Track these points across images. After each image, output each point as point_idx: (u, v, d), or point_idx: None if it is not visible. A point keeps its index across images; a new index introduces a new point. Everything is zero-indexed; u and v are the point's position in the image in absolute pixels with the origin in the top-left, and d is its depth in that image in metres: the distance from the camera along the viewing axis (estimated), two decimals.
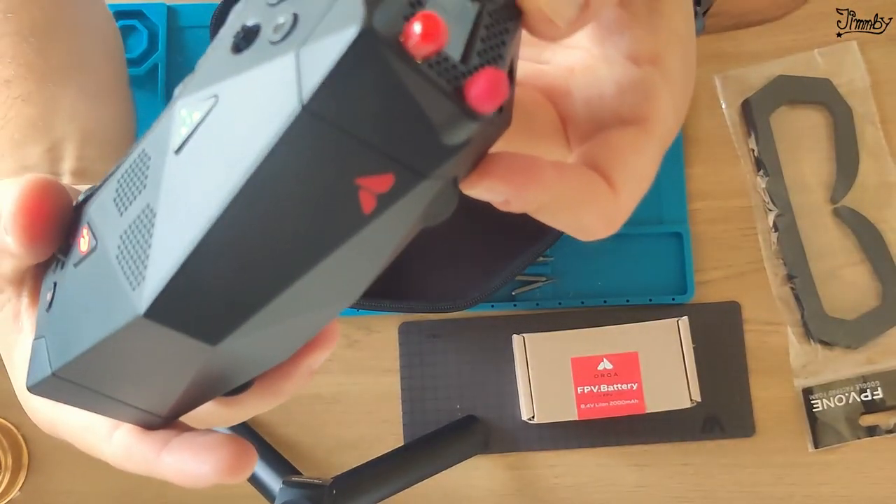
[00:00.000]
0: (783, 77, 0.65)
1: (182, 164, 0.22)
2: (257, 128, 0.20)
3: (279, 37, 0.20)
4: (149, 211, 0.23)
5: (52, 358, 0.27)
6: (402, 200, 0.21)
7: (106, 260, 0.24)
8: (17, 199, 0.28)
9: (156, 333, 0.23)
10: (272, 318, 0.23)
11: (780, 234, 0.63)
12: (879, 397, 0.62)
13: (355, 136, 0.20)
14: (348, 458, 0.61)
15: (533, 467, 0.62)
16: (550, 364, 0.57)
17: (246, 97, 0.21)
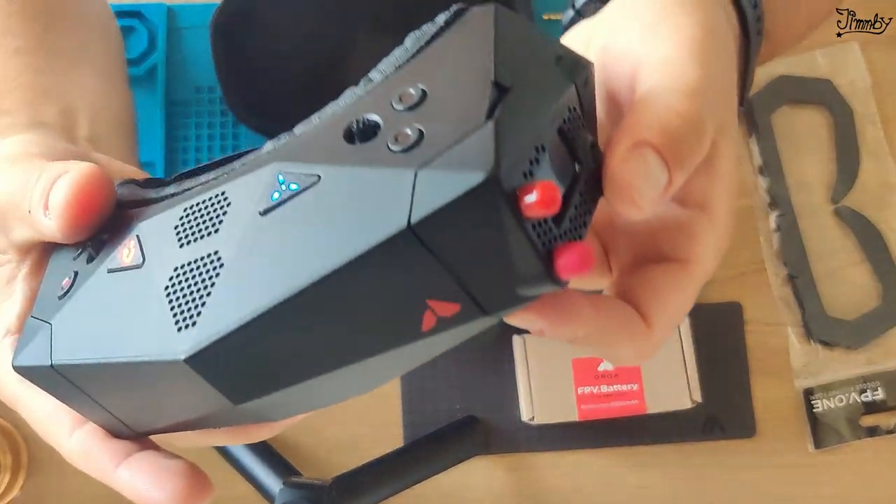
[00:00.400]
0: (784, 77, 0.65)
1: (265, 229, 0.22)
2: (355, 227, 0.20)
3: (400, 148, 0.21)
4: (216, 259, 0.23)
5: (57, 350, 0.26)
6: (459, 328, 0.22)
7: (152, 284, 0.24)
8: (71, 186, 0.27)
9: (186, 378, 0.23)
10: (297, 394, 0.23)
11: (781, 235, 0.63)
12: (880, 398, 0.62)
13: (444, 264, 0.20)
14: (348, 458, 0.60)
15: (533, 468, 0.62)
16: (551, 365, 0.57)
17: (351, 191, 0.21)
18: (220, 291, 0.22)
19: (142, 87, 0.64)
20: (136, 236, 0.26)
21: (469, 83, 0.21)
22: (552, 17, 0.65)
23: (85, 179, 0.28)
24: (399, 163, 0.20)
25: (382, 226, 0.20)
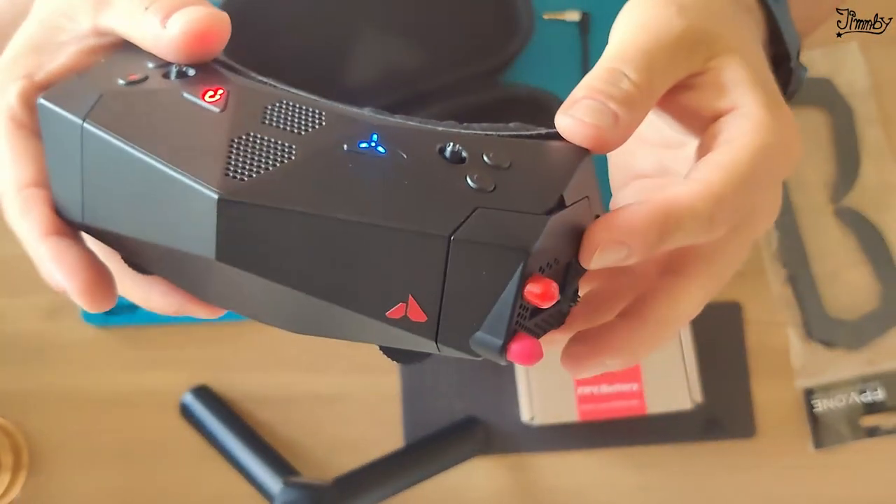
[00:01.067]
0: None
1: (341, 160, 0.26)
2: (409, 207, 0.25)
3: (475, 186, 0.25)
4: (290, 151, 0.26)
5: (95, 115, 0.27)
6: (409, 334, 0.26)
7: (221, 130, 0.26)
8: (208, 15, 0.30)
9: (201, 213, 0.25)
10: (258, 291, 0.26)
11: (781, 235, 0.63)
12: (880, 398, 0.62)
13: (445, 280, 0.24)
14: (348, 458, 0.60)
15: (533, 469, 0.62)
16: (551, 365, 0.57)
17: (422, 184, 0.25)
18: (278, 175, 0.25)
19: None
20: (226, 89, 0.28)
21: (544, 185, 0.26)
22: (552, 16, 0.65)
23: (218, 20, 0.31)
24: (468, 194, 0.25)
25: (431, 223, 0.24)
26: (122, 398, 0.62)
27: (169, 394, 0.62)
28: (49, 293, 0.63)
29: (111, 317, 0.62)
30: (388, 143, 0.26)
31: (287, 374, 0.62)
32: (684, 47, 0.30)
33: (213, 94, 0.28)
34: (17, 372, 0.62)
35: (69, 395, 0.62)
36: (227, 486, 0.61)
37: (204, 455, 0.61)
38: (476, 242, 0.24)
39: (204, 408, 0.60)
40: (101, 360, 0.62)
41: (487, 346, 0.26)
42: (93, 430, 0.62)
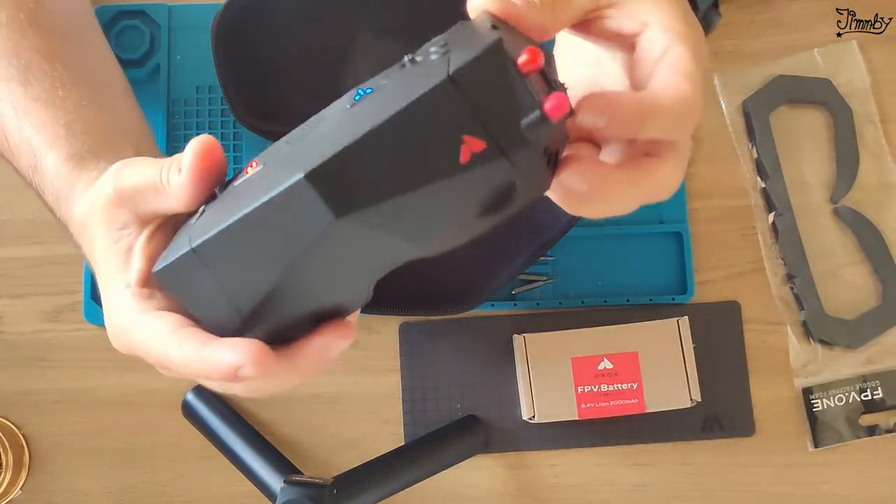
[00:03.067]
0: (783, 77, 0.65)
1: (350, 113, 0.32)
2: (410, 90, 0.29)
3: (436, 55, 0.31)
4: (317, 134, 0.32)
5: (193, 239, 0.33)
6: (486, 166, 0.30)
7: (269, 172, 0.32)
8: (198, 145, 0.35)
9: (300, 197, 0.30)
10: (379, 219, 0.31)
11: (780, 234, 0.63)
12: (879, 397, 0.62)
13: (474, 106, 0.30)
14: (349, 457, 0.61)
15: (533, 467, 0.62)
16: (551, 364, 0.57)
17: (407, 80, 0.31)
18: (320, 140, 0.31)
19: (144, 87, 0.64)
20: (255, 160, 0.34)
21: (477, 34, 0.32)
22: None
23: (207, 140, 0.35)
24: (437, 60, 0.31)
25: (429, 82, 0.29)
26: (124, 398, 0.62)
27: (170, 393, 0.62)
28: (50, 294, 0.64)
29: None
30: (367, 86, 0.33)
31: None
32: None
33: (252, 168, 0.34)
34: (18, 372, 0.62)
35: (70, 394, 0.62)
36: (229, 484, 0.61)
37: (205, 454, 0.61)
38: (466, 65, 0.29)
39: (205, 407, 0.60)
40: (102, 360, 0.62)
41: (534, 122, 0.30)
42: (94, 430, 0.62)
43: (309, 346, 0.35)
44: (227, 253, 0.33)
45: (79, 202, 0.41)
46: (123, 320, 0.38)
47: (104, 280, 0.39)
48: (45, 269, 0.63)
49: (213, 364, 0.34)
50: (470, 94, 0.30)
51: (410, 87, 0.30)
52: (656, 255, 0.63)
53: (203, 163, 0.35)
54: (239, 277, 0.34)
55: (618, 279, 0.63)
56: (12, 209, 0.64)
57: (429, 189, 0.31)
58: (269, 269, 0.33)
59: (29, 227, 0.64)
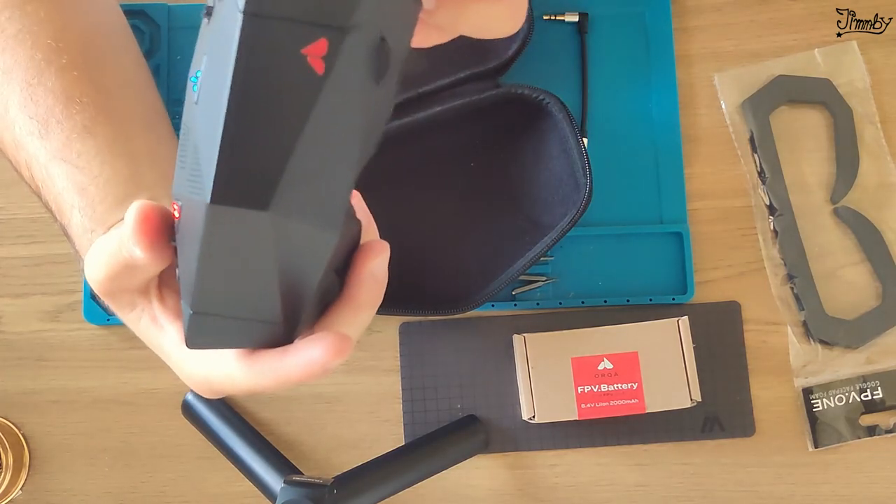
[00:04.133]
0: (783, 77, 0.65)
1: (200, 109, 0.29)
2: (225, 47, 0.27)
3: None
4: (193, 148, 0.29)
5: (186, 300, 0.33)
6: (343, 57, 0.27)
7: (188, 206, 0.30)
8: (133, 218, 0.34)
9: (226, 220, 0.29)
10: (297, 178, 0.29)
11: (779, 234, 0.63)
12: (879, 397, 0.62)
13: (286, 18, 0.26)
14: (349, 457, 0.61)
15: (533, 467, 0.62)
16: (551, 364, 0.57)
17: (216, 39, 0.28)
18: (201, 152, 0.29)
19: None
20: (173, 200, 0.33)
21: None
22: (551, 17, 0.65)
23: (140, 208, 0.34)
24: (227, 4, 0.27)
25: (233, 29, 0.26)
26: (124, 397, 0.62)
27: (170, 393, 0.62)
28: (50, 294, 0.64)
29: (112, 317, 0.62)
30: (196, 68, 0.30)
31: None
32: None
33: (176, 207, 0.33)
34: (18, 372, 0.62)
35: (71, 394, 0.62)
36: (229, 484, 0.61)
37: (205, 454, 0.61)
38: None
39: (205, 407, 0.60)
40: (102, 359, 0.62)
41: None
42: (94, 430, 0.62)
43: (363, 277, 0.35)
44: (217, 296, 0.33)
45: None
46: (197, 373, 0.39)
47: (158, 348, 0.41)
48: (45, 268, 0.63)
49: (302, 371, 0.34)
50: (272, 11, 0.27)
51: (223, 47, 0.27)
52: (656, 255, 0.63)
53: (146, 230, 0.34)
54: (245, 303, 0.34)
55: (618, 279, 0.63)
56: (12, 208, 0.64)
57: (314, 122, 0.28)
58: (261, 279, 0.33)
59: (29, 227, 0.64)
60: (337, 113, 0.28)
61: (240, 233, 0.30)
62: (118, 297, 0.39)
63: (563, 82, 0.65)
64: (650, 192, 0.64)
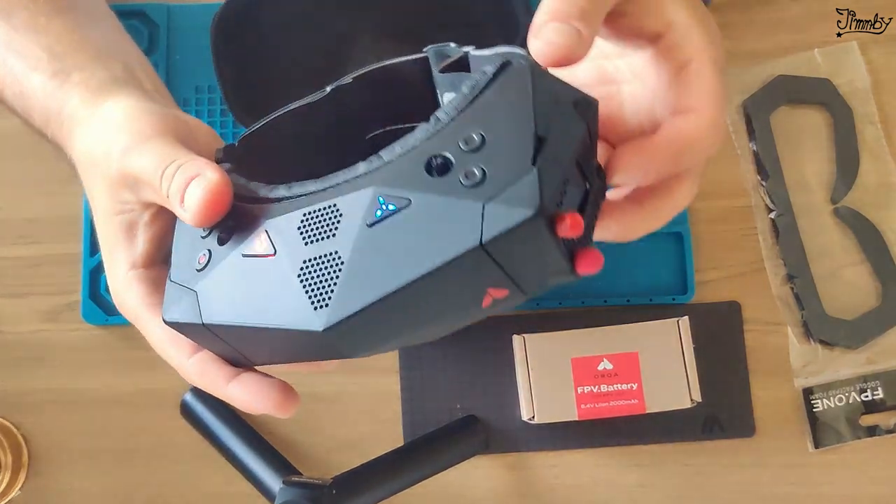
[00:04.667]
0: (783, 77, 0.65)
1: (372, 238, 0.31)
2: (440, 241, 0.29)
3: (469, 184, 0.30)
4: (337, 258, 0.31)
5: (206, 313, 0.34)
6: (503, 302, 0.32)
7: (285, 271, 0.33)
8: (206, 192, 0.34)
9: (318, 341, 0.32)
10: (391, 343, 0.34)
11: (780, 235, 0.63)
12: (880, 397, 0.62)
13: (501, 268, 0.30)
14: (348, 457, 0.61)
15: (533, 467, 0.62)
16: (550, 364, 0.57)
17: (435, 214, 0.30)
18: (343, 283, 0.31)
19: None
20: (266, 231, 0.34)
21: (517, 133, 0.30)
22: None
23: (217, 188, 0.35)
24: (470, 196, 0.29)
25: (461, 242, 0.29)
26: (122, 398, 0.62)
27: (169, 393, 0.62)
28: (49, 294, 0.63)
29: (111, 317, 0.62)
30: (391, 197, 0.31)
31: (287, 374, 0.62)
32: None
33: (261, 242, 0.34)
34: (17, 372, 0.62)
35: (69, 395, 0.62)
36: (228, 485, 0.61)
37: (204, 454, 0.61)
38: (499, 235, 0.29)
39: (204, 407, 0.60)
40: (101, 360, 0.62)
41: (561, 275, 0.32)
42: (93, 430, 0.62)
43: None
44: (243, 338, 0.35)
45: (82, 138, 0.41)
46: (128, 302, 0.40)
47: (105, 244, 0.41)
48: (44, 268, 0.63)
49: (232, 402, 0.37)
50: (501, 258, 0.29)
51: (438, 234, 0.29)
52: (657, 255, 0.63)
53: (209, 210, 0.35)
54: (257, 351, 0.37)
55: (618, 279, 0.63)
56: (10, 208, 0.64)
57: (440, 322, 0.33)
58: (273, 354, 0.36)
59: (27, 227, 0.64)
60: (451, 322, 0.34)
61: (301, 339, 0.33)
62: (123, 191, 0.39)
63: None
64: None
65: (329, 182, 0.33)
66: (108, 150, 0.39)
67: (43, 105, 0.43)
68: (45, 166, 0.64)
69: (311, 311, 0.31)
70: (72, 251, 0.63)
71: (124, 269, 0.40)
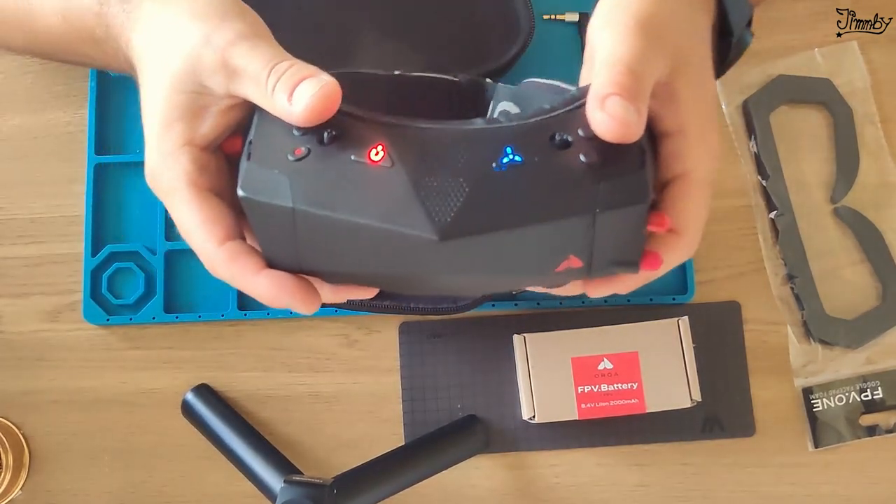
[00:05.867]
0: (783, 77, 0.65)
1: (495, 179, 0.34)
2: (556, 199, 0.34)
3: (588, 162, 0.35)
4: (461, 185, 0.34)
5: (298, 199, 0.34)
6: (570, 274, 0.36)
7: (402, 183, 0.34)
8: (323, 94, 0.36)
9: (422, 254, 0.34)
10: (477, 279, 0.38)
11: (780, 234, 0.63)
12: (879, 397, 0.62)
13: (597, 239, 0.35)
14: (349, 457, 0.61)
15: (533, 467, 0.62)
16: (551, 364, 0.57)
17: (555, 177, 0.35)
18: (463, 208, 0.34)
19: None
20: (383, 145, 0.35)
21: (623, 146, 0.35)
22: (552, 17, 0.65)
23: (331, 90, 0.36)
24: (588, 173, 0.34)
25: (576, 206, 0.34)
26: (123, 397, 0.62)
27: (169, 393, 0.62)
28: (50, 294, 0.63)
29: (113, 317, 0.62)
30: (519, 150, 0.35)
31: (288, 374, 0.63)
32: (661, 56, 0.38)
33: (377, 153, 0.35)
34: (17, 372, 0.62)
35: (70, 394, 0.62)
36: (229, 484, 0.61)
37: (205, 454, 0.61)
38: (612, 209, 0.33)
39: (205, 407, 0.60)
40: (101, 360, 0.62)
41: (627, 269, 0.36)
42: (93, 430, 0.62)
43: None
44: (323, 233, 0.35)
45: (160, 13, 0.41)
46: (169, 175, 0.39)
47: (161, 116, 0.40)
48: (45, 268, 0.63)
49: (262, 293, 0.38)
50: (598, 230, 0.34)
51: (561, 193, 0.34)
52: None
53: (320, 110, 0.36)
54: (321, 253, 0.36)
55: None
56: (12, 208, 0.64)
57: (519, 273, 0.36)
58: (355, 267, 0.37)
59: (28, 227, 0.64)
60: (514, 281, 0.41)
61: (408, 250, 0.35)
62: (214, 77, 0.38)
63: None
64: None
65: (447, 124, 0.36)
66: (205, 34, 0.39)
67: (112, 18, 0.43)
68: (47, 167, 0.64)
69: (428, 222, 0.33)
70: (73, 251, 0.63)
71: (178, 142, 0.39)
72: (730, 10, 0.45)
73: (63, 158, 0.63)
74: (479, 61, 0.61)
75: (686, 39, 0.40)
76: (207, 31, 0.39)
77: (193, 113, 0.39)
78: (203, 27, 0.39)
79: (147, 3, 0.42)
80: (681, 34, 0.40)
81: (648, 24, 0.38)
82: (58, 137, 0.65)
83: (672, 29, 0.39)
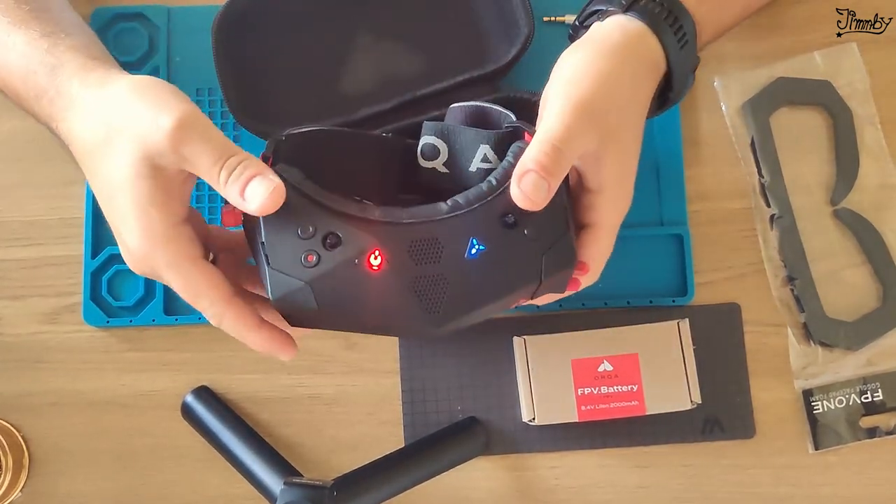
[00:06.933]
0: (783, 79, 0.65)
1: (468, 267, 0.45)
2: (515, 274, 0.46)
3: (531, 238, 0.46)
4: (444, 279, 0.44)
5: (320, 302, 0.43)
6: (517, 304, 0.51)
7: (400, 282, 0.44)
8: (270, 194, 0.42)
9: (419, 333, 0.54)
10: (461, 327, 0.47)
11: (780, 236, 0.63)
12: (880, 399, 0.62)
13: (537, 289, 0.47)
14: (349, 459, 0.61)
15: (533, 469, 0.62)
16: (551, 366, 0.57)
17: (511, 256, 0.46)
18: (450, 296, 0.45)
19: None
20: (378, 249, 0.44)
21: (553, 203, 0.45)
22: (552, 19, 0.65)
23: (279, 192, 0.43)
24: (533, 247, 0.46)
25: (529, 276, 0.46)
26: (123, 399, 0.62)
27: (169, 395, 0.62)
28: (48, 296, 0.63)
29: (112, 319, 0.62)
30: (482, 240, 0.45)
31: (287, 375, 0.62)
32: (591, 133, 0.46)
33: (375, 257, 0.44)
34: (16, 374, 0.62)
35: (70, 396, 0.62)
36: (228, 486, 0.61)
37: (205, 456, 0.61)
38: (551, 274, 0.46)
39: (205, 408, 0.60)
40: (101, 361, 0.62)
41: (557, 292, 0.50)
42: (93, 432, 0.62)
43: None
44: (339, 320, 0.46)
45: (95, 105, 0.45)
46: (170, 253, 0.44)
47: (134, 204, 0.43)
48: (43, 270, 0.63)
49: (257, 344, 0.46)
50: (543, 284, 0.46)
51: (513, 269, 0.45)
52: (657, 257, 0.63)
53: (270, 208, 0.43)
54: (335, 326, 0.47)
55: (618, 281, 0.63)
56: (10, 211, 0.64)
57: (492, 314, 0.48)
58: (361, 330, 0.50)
59: (26, 229, 0.64)
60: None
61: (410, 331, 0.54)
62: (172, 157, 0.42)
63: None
64: (651, 194, 0.64)
65: (421, 216, 0.45)
66: (153, 117, 0.42)
67: (25, 62, 0.48)
68: (46, 169, 0.64)
69: (425, 315, 0.44)
70: (72, 253, 0.63)
71: (161, 227, 0.44)
72: (674, 70, 0.52)
73: (61, 161, 0.63)
74: (479, 63, 0.61)
75: (618, 118, 0.48)
76: (154, 115, 0.42)
77: (163, 197, 0.43)
78: (147, 112, 0.43)
79: (77, 87, 0.46)
80: (616, 112, 0.47)
81: (586, 106, 0.46)
82: (56, 139, 0.64)
83: (606, 110, 0.47)
